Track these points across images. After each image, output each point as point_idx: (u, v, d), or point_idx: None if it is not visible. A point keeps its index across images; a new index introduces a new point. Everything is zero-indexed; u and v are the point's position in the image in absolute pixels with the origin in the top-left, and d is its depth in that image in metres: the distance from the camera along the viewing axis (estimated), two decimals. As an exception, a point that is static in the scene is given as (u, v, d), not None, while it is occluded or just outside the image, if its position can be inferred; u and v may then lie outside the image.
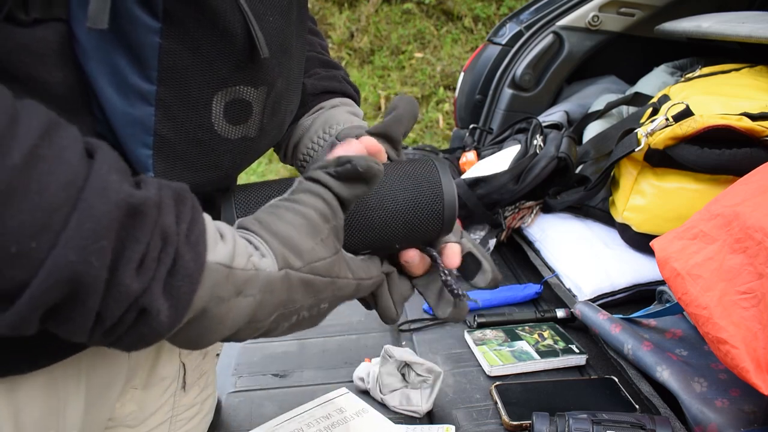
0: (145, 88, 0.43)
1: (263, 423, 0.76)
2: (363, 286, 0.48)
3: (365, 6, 4.01)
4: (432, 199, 0.50)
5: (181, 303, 0.36)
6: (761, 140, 0.94)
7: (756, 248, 0.64)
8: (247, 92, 0.48)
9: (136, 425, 0.67)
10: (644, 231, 1.04)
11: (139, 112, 0.44)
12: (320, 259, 0.43)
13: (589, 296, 1.01)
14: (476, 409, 0.80)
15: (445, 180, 0.51)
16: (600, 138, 1.27)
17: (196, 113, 0.46)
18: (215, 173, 0.51)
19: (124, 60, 0.43)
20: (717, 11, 1.44)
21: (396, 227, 0.50)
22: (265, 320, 0.41)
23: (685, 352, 0.82)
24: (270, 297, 0.41)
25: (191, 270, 0.36)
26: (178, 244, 0.36)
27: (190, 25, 0.43)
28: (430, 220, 0.50)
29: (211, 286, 0.37)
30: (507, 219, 1.25)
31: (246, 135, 0.51)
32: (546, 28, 1.64)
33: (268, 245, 0.41)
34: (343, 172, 0.44)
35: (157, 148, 0.46)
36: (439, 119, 3.58)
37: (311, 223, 0.43)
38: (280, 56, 0.51)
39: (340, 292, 0.46)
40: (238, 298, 0.39)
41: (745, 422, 0.67)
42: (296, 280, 0.42)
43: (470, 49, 3.87)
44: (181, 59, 0.44)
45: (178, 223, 0.36)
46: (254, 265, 0.40)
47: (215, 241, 0.38)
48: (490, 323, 0.99)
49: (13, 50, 0.40)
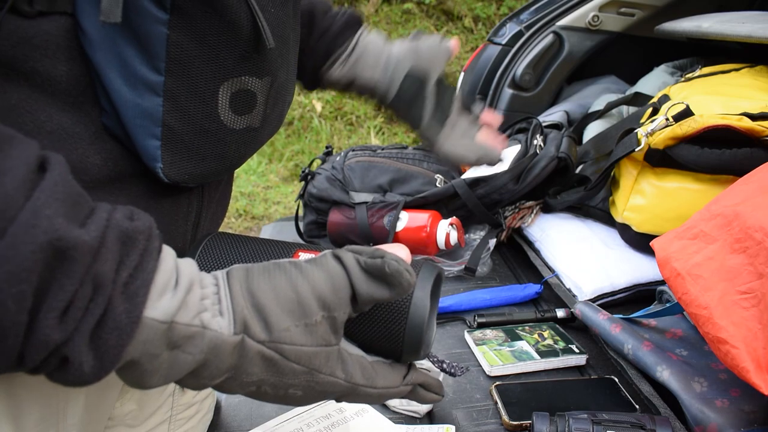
0: (153, 79, 0.44)
1: (263, 423, 0.76)
2: (367, 393, 0.42)
3: (365, 6, 4.01)
4: (394, 319, 0.42)
5: (107, 356, 0.33)
6: (761, 140, 0.94)
7: (756, 248, 0.64)
8: (252, 83, 0.49)
9: (135, 425, 0.67)
10: (644, 231, 1.04)
11: (147, 103, 0.44)
12: (294, 344, 0.38)
13: (589, 296, 1.01)
14: (476, 409, 0.80)
15: (415, 302, 0.42)
16: (600, 138, 1.27)
17: (203, 104, 0.47)
18: (221, 163, 0.51)
19: (132, 51, 0.43)
20: (717, 11, 1.44)
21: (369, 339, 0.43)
22: (213, 380, 0.37)
23: (685, 352, 0.82)
24: (216, 359, 0.36)
25: (122, 323, 0.32)
26: (112, 293, 0.32)
27: (197, 16, 0.43)
28: (390, 340, 0.42)
29: (143, 341, 0.34)
30: (507, 219, 1.25)
31: (250, 125, 0.51)
32: (546, 28, 1.64)
33: (232, 304, 0.37)
34: (372, 265, 0.39)
35: (165, 139, 0.46)
36: (439, 119, 3.58)
37: (300, 302, 0.38)
38: (281, 47, 0.52)
39: (320, 387, 0.40)
40: (175, 352, 0.35)
41: (745, 422, 0.67)
42: (254, 352, 0.37)
43: (470, 49, 3.87)
44: (189, 50, 0.44)
45: (119, 269, 0.33)
46: (202, 322, 0.36)
47: (161, 293, 0.35)
48: (490, 323, 0.99)
49: (18, 44, 0.40)
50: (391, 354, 0.43)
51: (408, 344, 0.42)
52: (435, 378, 0.46)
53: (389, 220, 1.18)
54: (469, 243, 1.22)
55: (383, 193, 1.27)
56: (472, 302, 1.05)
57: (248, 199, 2.94)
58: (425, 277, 0.43)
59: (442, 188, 1.23)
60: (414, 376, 0.44)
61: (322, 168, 1.31)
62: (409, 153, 1.34)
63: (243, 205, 2.88)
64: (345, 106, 3.61)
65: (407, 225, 1.17)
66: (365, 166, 1.29)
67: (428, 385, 0.45)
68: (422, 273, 0.44)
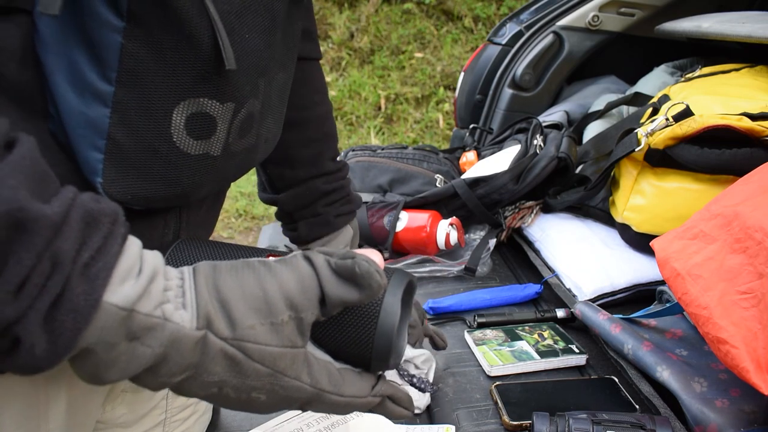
0: (102, 88, 0.42)
1: (263, 423, 0.75)
2: (333, 401, 0.40)
3: (365, 6, 4.01)
4: (364, 326, 0.41)
5: (61, 340, 0.31)
6: (761, 140, 0.94)
7: (756, 248, 0.64)
8: (211, 106, 0.46)
9: (128, 425, 0.66)
10: (644, 231, 1.04)
11: (93, 113, 0.42)
12: (259, 342, 0.36)
13: (589, 296, 1.01)
14: (476, 409, 0.79)
15: (385, 307, 0.41)
16: (600, 138, 1.27)
17: (155, 121, 0.44)
18: (172, 189, 0.48)
19: (83, 57, 0.41)
20: (717, 11, 1.44)
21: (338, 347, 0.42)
22: (172, 377, 0.36)
23: (685, 352, 0.82)
24: (176, 355, 0.35)
25: (80, 306, 0.31)
26: (71, 273, 0.31)
27: (154, 27, 0.41)
28: (359, 346, 0.41)
29: (100, 327, 0.32)
30: (507, 219, 1.25)
31: (208, 152, 0.48)
32: (546, 28, 1.64)
33: (197, 297, 0.36)
34: (342, 266, 0.38)
35: (108, 153, 0.43)
36: (439, 119, 3.58)
37: (267, 300, 0.37)
38: (254, 76, 0.49)
39: (284, 392, 0.38)
40: (133, 344, 0.34)
41: (745, 422, 0.67)
42: (217, 349, 0.36)
43: (470, 49, 3.87)
44: (143, 62, 0.42)
45: (80, 250, 0.32)
46: (163, 313, 0.34)
47: (123, 278, 0.33)
48: (490, 323, 0.99)
49: None
50: (360, 362, 0.42)
51: (377, 351, 0.41)
52: (405, 392, 0.44)
53: (389, 220, 1.18)
54: (469, 243, 1.22)
55: (383, 193, 1.27)
56: (472, 302, 1.05)
57: (248, 199, 2.94)
58: (397, 284, 0.42)
59: (442, 188, 1.23)
60: (383, 387, 0.43)
61: (322, 168, 1.31)
62: (409, 153, 1.34)
63: (243, 205, 2.88)
64: (345, 106, 3.62)
65: (407, 225, 1.17)
66: (365, 166, 1.30)
67: (398, 399, 0.44)
68: (394, 279, 0.43)
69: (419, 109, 3.66)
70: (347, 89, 3.69)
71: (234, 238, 2.77)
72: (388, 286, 0.41)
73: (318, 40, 0.74)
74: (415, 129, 3.56)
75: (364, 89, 3.69)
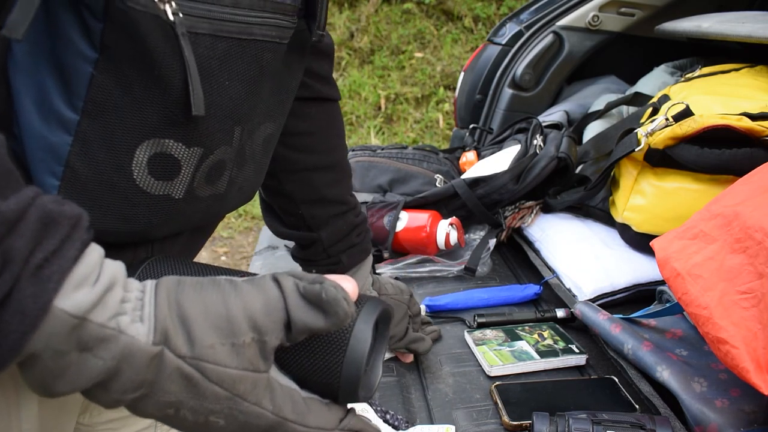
0: (67, 115, 0.41)
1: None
2: (294, 431, 0.38)
3: (365, 6, 4.01)
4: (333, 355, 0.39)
5: (6, 342, 0.30)
6: (761, 140, 0.94)
7: (756, 248, 0.64)
8: (176, 148, 0.45)
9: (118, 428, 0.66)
10: (644, 231, 1.04)
11: (55, 139, 0.42)
12: (218, 363, 0.35)
13: (589, 296, 1.01)
14: (476, 409, 0.79)
15: (356, 334, 0.39)
16: (600, 138, 1.27)
17: (116, 156, 0.43)
18: (125, 225, 0.47)
19: (52, 81, 0.41)
20: (717, 11, 1.44)
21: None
22: (125, 394, 0.34)
23: (685, 352, 0.82)
24: (129, 369, 0.33)
25: (27, 308, 0.30)
26: (21, 273, 0.30)
27: (126, 63, 0.41)
28: (326, 374, 0.39)
29: (48, 333, 0.31)
30: (507, 219, 1.25)
31: (169, 194, 0.47)
32: (546, 28, 1.64)
33: (155, 311, 0.34)
34: (310, 290, 0.36)
35: (65, 181, 0.43)
36: (439, 119, 3.58)
37: (230, 319, 0.35)
38: (228, 123, 0.48)
39: (244, 417, 0.36)
40: (84, 354, 0.32)
41: (745, 422, 0.67)
42: (173, 367, 0.34)
43: (470, 49, 3.87)
44: (112, 96, 0.41)
45: (34, 250, 0.30)
46: (118, 325, 0.33)
47: (78, 285, 0.32)
48: (490, 323, 0.99)
49: None
50: (328, 392, 0.40)
51: (345, 380, 0.39)
52: (376, 428, 0.42)
53: (389, 220, 1.18)
54: (469, 243, 1.22)
55: (383, 193, 1.27)
56: (468, 301, 1.05)
57: (248, 199, 2.94)
58: (369, 311, 0.40)
59: (442, 188, 1.23)
60: (352, 421, 0.40)
61: (322, 168, 1.31)
62: (409, 153, 1.34)
63: (243, 205, 2.88)
64: (345, 106, 3.62)
65: (407, 225, 1.17)
66: (365, 166, 1.30)
67: None
68: (367, 307, 0.41)
69: (419, 109, 3.66)
70: (347, 89, 3.69)
71: (234, 238, 2.77)
72: (360, 314, 0.40)
73: (336, 84, 0.76)
74: (415, 129, 3.56)
75: (364, 89, 3.69)
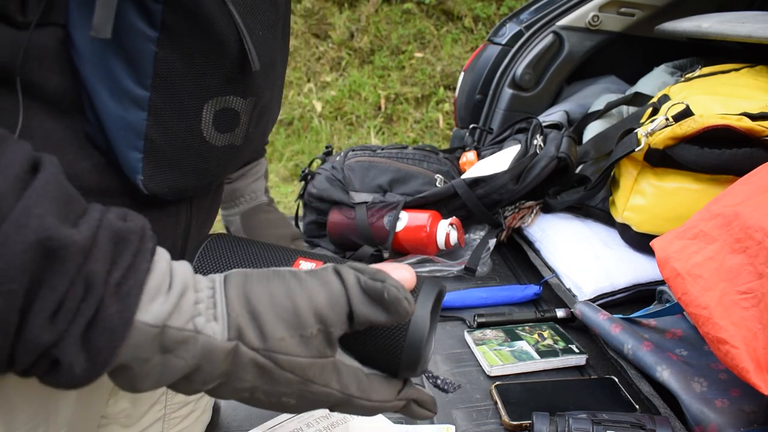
0: (138, 93, 0.45)
1: (263, 423, 0.76)
2: (362, 405, 0.41)
3: (365, 6, 4.01)
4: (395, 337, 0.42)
5: (99, 358, 0.32)
6: (761, 140, 0.94)
7: (756, 248, 0.64)
8: (236, 102, 0.50)
9: (129, 424, 0.67)
10: (644, 231, 1.04)
11: (131, 117, 0.45)
12: (289, 354, 0.37)
13: (589, 296, 1.01)
14: (476, 409, 0.79)
15: (415, 320, 0.41)
16: (600, 138, 1.27)
17: (187, 120, 0.48)
18: (201, 178, 0.52)
19: (120, 66, 0.44)
20: (717, 11, 1.44)
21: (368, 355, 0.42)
22: (205, 385, 0.37)
23: (685, 352, 0.82)
24: (209, 365, 0.36)
25: (114, 324, 0.32)
26: (104, 294, 0.32)
27: (185, 36, 0.45)
28: (388, 355, 0.42)
29: (134, 344, 0.33)
30: (507, 219, 1.25)
31: (233, 143, 0.52)
32: (546, 28, 1.64)
33: (227, 309, 0.36)
34: (372, 287, 0.38)
35: (147, 152, 0.47)
36: (439, 119, 3.58)
37: (297, 313, 0.37)
38: (267, 69, 0.53)
39: (314, 397, 0.39)
40: (167, 356, 0.35)
41: (745, 422, 0.67)
42: (248, 359, 0.37)
43: (470, 49, 3.87)
44: (175, 68, 0.45)
45: (111, 270, 0.33)
46: (195, 327, 0.35)
47: (154, 296, 0.34)
48: (490, 323, 0.99)
49: (13, 54, 0.40)
50: (388, 369, 0.43)
51: (405, 361, 0.42)
52: (429, 395, 0.46)
53: (389, 220, 1.18)
54: (469, 243, 1.22)
55: (383, 193, 1.27)
56: (466, 300, 1.05)
57: (248, 199, 2.94)
58: (426, 296, 0.43)
59: (442, 188, 1.23)
60: (409, 391, 0.44)
61: (322, 168, 1.31)
62: (409, 153, 1.34)
63: (243, 205, 2.88)
64: (345, 106, 3.62)
65: (407, 225, 1.17)
66: (365, 166, 1.29)
67: (422, 402, 0.45)
68: (424, 290, 0.43)
69: (419, 109, 3.66)
70: (347, 89, 3.69)
71: (234, 238, 2.77)
72: (418, 297, 0.42)
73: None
74: (415, 129, 3.56)
75: (364, 89, 3.69)
